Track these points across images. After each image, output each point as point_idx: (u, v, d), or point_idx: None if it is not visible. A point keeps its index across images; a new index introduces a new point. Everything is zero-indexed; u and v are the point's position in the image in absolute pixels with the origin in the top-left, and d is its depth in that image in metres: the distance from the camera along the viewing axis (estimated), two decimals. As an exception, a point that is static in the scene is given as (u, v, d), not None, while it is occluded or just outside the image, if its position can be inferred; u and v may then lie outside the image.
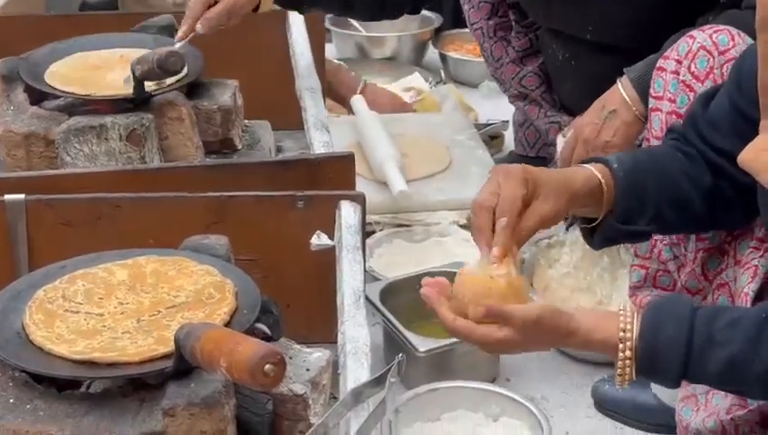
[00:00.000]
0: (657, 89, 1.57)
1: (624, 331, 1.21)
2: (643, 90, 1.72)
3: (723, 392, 1.42)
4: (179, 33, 1.87)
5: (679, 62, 1.54)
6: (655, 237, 1.56)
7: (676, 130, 1.43)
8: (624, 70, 1.79)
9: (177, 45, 1.83)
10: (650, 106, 1.60)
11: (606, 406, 1.72)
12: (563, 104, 2.20)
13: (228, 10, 1.85)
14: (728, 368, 1.18)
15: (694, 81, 1.51)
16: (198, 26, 1.84)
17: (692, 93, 1.51)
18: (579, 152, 1.82)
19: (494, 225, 1.28)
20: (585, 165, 1.37)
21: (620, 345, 1.21)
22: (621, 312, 1.22)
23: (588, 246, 1.44)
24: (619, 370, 1.22)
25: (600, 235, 1.38)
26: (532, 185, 1.29)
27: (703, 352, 1.19)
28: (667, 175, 1.37)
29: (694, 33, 1.56)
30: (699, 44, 1.52)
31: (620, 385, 1.25)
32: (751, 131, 1.21)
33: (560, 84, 2.17)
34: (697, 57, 1.52)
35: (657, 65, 1.60)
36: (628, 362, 1.21)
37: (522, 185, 1.28)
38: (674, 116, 1.53)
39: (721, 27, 1.53)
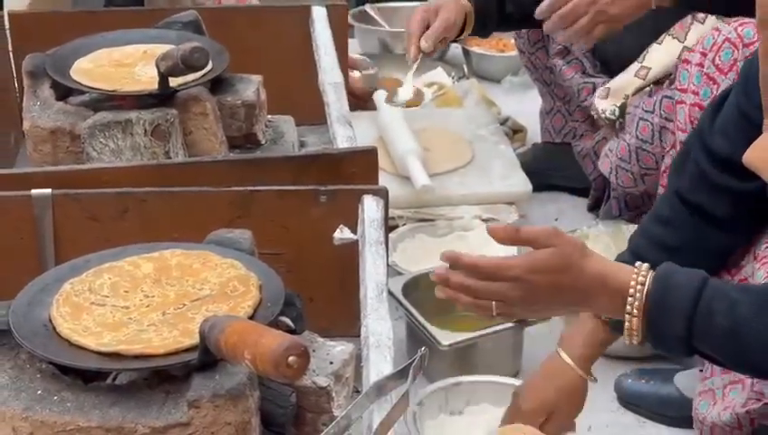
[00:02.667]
0: (681, 81, 1.57)
1: (639, 269, 1.21)
2: None
3: (740, 386, 1.42)
4: (411, 55, 2.02)
5: (704, 54, 1.54)
6: None
7: (682, 152, 1.44)
8: None
9: (413, 66, 2.05)
10: (675, 99, 1.59)
11: (628, 400, 1.72)
12: (604, 63, 2.18)
13: (444, 27, 1.96)
14: (735, 328, 1.17)
15: (717, 73, 1.51)
16: (423, 44, 1.97)
17: (715, 86, 1.51)
18: (579, 5, 1.75)
19: None
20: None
21: (633, 276, 1.20)
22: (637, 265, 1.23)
23: (612, 239, 1.45)
24: (628, 306, 1.22)
25: None
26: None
27: (712, 303, 1.18)
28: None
29: (719, 25, 1.55)
30: (724, 37, 1.52)
31: (629, 332, 1.24)
32: (757, 135, 1.21)
33: (610, 46, 2.10)
34: (722, 49, 1.51)
35: (683, 57, 1.59)
36: (638, 295, 1.21)
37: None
38: (697, 108, 1.53)
39: (747, 20, 1.52)
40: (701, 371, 1.55)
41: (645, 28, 1.87)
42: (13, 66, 2.16)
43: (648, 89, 1.93)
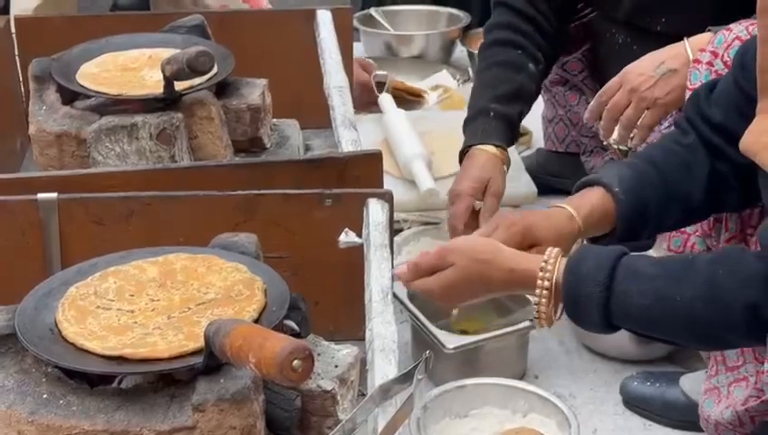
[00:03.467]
0: (692, 81, 1.57)
1: (546, 261, 1.22)
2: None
3: (743, 384, 1.42)
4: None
5: (715, 54, 1.54)
6: (688, 231, 1.56)
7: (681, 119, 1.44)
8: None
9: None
10: (687, 98, 1.59)
11: (634, 403, 1.72)
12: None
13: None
14: (653, 302, 1.16)
15: (726, 70, 1.50)
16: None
17: None
18: (620, 98, 1.72)
19: None
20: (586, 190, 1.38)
21: (540, 273, 1.21)
22: (548, 251, 1.24)
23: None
24: (535, 305, 1.23)
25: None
26: (530, 234, 1.35)
27: (626, 283, 1.18)
28: (666, 175, 1.38)
29: (732, 25, 1.55)
30: (735, 35, 1.52)
31: (538, 324, 1.26)
32: (749, 108, 1.22)
33: (613, 69, 2.10)
34: (731, 47, 1.51)
35: (694, 58, 1.59)
36: (545, 292, 1.22)
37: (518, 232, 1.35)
38: None
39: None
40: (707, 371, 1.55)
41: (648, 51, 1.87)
42: (19, 70, 2.17)
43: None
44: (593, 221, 1.37)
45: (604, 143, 2.05)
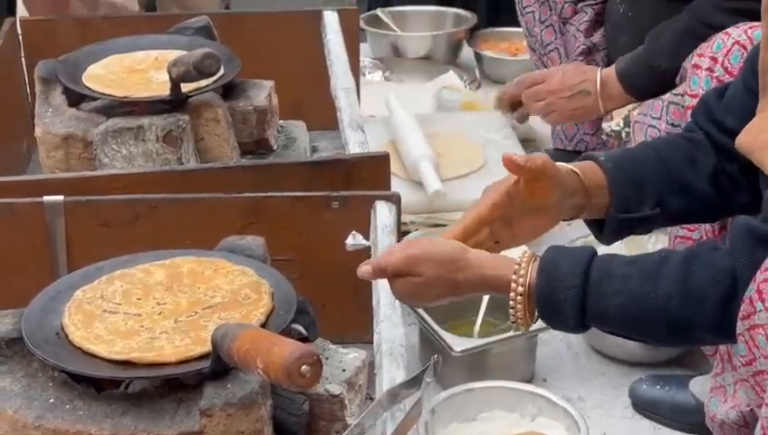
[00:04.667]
0: (692, 87, 1.56)
1: (519, 265, 1.20)
2: (628, 82, 1.88)
3: (748, 384, 1.40)
4: None
5: (714, 59, 1.53)
6: (694, 237, 1.55)
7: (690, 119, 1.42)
8: (617, 60, 1.92)
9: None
10: (686, 104, 1.58)
11: (643, 406, 1.71)
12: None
13: None
14: (627, 301, 1.15)
15: (727, 76, 1.50)
16: None
17: None
18: (538, 92, 2.01)
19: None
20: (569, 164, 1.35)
21: (513, 277, 1.20)
22: (520, 255, 1.22)
23: (625, 245, 1.43)
24: (511, 309, 1.20)
25: (607, 229, 1.36)
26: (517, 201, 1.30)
27: (601, 284, 1.16)
28: (667, 161, 1.35)
29: (729, 29, 1.54)
30: (734, 40, 1.51)
31: (515, 328, 1.24)
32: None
33: (614, 42, 2.14)
34: (731, 53, 1.50)
35: (693, 62, 1.58)
36: (520, 298, 1.19)
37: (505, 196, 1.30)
38: None
39: (756, 24, 1.52)
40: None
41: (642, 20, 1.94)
42: (25, 72, 2.16)
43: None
44: (592, 185, 1.32)
45: (602, 137, 2.10)
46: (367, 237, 1.53)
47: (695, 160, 1.36)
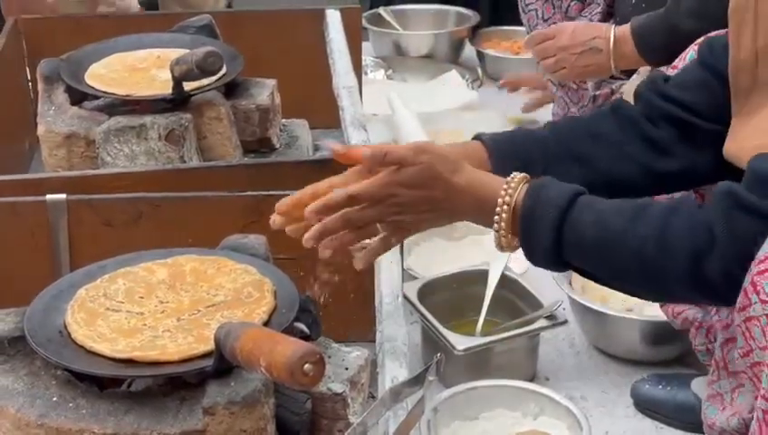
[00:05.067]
0: None
1: (512, 179, 1.22)
2: (643, 41, 1.84)
3: (748, 390, 1.40)
4: None
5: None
6: None
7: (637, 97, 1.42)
8: (633, 18, 1.88)
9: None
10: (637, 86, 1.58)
11: (645, 406, 1.71)
12: None
13: None
14: (604, 233, 1.16)
15: None
16: None
17: None
18: (548, 48, 1.97)
19: None
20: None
21: (504, 186, 1.21)
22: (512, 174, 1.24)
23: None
24: (496, 216, 1.21)
25: None
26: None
27: (582, 213, 1.18)
28: (560, 135, 1.37)
29: (701, 39, 1.54)
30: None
31: (499, 246, 1.24)
32: (716, 83, 1.30)
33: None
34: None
35: (672, 65, 1.57)
36: (506, 208, 1.21)
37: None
38: None
39: (724, 32, 1.51)
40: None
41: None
42: (27, 71, 2.16)
43: None
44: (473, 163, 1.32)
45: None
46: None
47: (598, 134, 1.37)
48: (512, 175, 1.23)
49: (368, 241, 1.28)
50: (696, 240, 1.13)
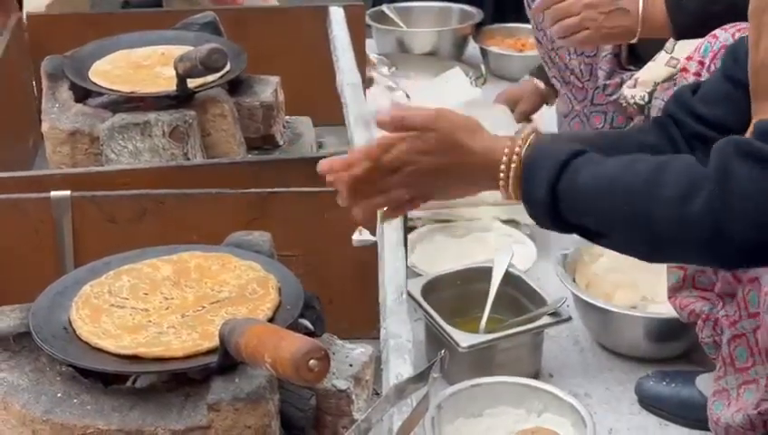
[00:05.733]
0: None
1: (520, 132, 1.22)
2: (675, 4, 1.71)
3: (753, 386, 1.40)
4: None
5: (702, 63, 1.52)
6: None
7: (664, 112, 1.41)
8: None
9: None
10: (667, 99, 1.56)
11: (650, 402, 1.71)
12: (633, 54, 2.15)
13: None
14: (600, 181, 1.15)
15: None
16: None
17: None
18: (571, 6, 1.79)
19: None
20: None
21: (510, 139, 1.22)
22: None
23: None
24: (502, 165, 1.21)
25: None
26: None
27: (583, 164, 1.17)
28: (617, 147, 1.34)
29: (717, 32, 1.53)
30: (721, 43, 1.50)
31: (503, 191, 1.24)
32: (743, 95, 1.25)
33: None
34: (718, 56, 1.49)
35: (681, 66, 1.56)
36: (515, 157, 1.21)
37: None
38: None
39: (744, 25, 1.51)
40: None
41: None
42: (32, 68, 2.17)
43: (673, 80, 1.91)
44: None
45: (621, 101, 2.04)
46: (373, 233, 1.53)
47: (648, 145, 1.35)
48: (520, 132, 1.23)
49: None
50: (691, 176, 1.12)
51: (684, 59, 1.57)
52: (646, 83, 1.97)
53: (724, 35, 1.51)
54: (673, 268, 1.60)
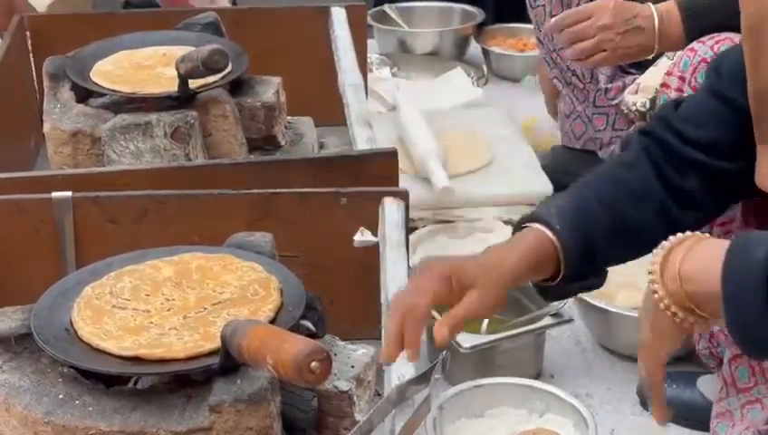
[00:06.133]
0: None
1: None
2: (692, 18, 1.67)
3: (758, 406, 1.37)
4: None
5: (682, 78, 1.49)
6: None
7: (644, 133, 1.34)
8: None
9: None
10: (651, 118, 1.54)
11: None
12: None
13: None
14: None
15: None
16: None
17: None
18: (587, 29, 1.76)
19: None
20: (526, 231, 1.25)
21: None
22: None
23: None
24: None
25: (552, 294, 1.30)
26: (458, 280, 1.18)
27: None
28: (616, 213, 1.28)
29: (695, 45, 1.51)
30: (700, 57, 1.48)
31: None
32: (730, 113, 1.22)
33: None
34: (698, 70, 1.46)
35: (662, 81, 1.53)
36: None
37: (441, 282, 1.18)
38: None
39: (723, 36, 1.49)
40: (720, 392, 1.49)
41: None
42: (33, 69, 2.17)
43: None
44: (532, 264, 1.23)
45: (622, 107, 2.02)
46: (375, 234, 1.53)
47: (641, 198, 1.28)
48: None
49: None
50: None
51: (664, 74, 1.54)
52: (648, 89, 1.97)
53: (703, 48, 1.49)
54: None
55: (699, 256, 1.09)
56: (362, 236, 1.53)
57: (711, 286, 1.05)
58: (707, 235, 1.13)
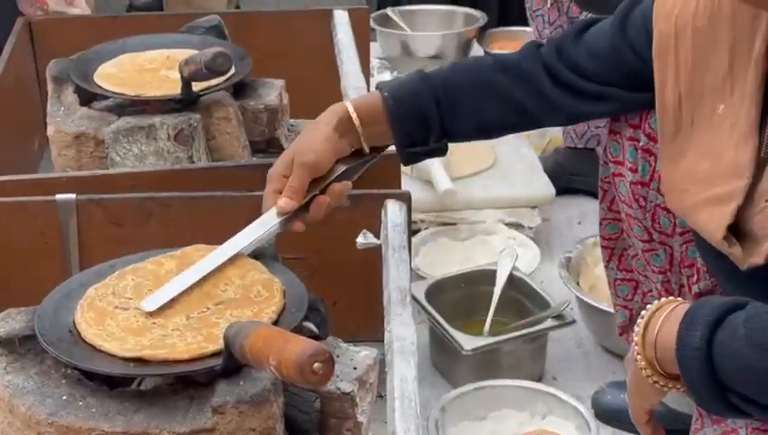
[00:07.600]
0: (614, 152, 1.45)
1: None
2: None
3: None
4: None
5: (634, 127, 1.42)
6: (635, 280, 1.54)
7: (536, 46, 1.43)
8: None
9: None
10: (612, 171, 1.46)
11: (607, 416, 1.67)
12: None
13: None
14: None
15: (652, 144, 1.38)
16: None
17: (652, 158, 1.38)
18: None
19: None
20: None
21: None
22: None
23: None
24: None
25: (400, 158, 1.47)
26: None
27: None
28: (456, 88, 1.41)
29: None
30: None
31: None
32: (633, 57, 1.32)
33: None
34: (650, 115, 1.38)
35: (610, 128, 1.45)
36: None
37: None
38: (640, 186, 1.41)
39: None
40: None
41: None
42: (37, 71, 2.17)
43: None
44: (369, 120, 1.42)
45: None
46: (377, 236, 1.54)
47: (505, 71, 1.40)
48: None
49: None
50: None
51: (611, 120, 1.50)
52: None
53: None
54: (619, 307, 1.57)
55: (673, 323, 1.12)
56: (365, 239, 1.53)
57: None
58: (685, 301, 1.15)
